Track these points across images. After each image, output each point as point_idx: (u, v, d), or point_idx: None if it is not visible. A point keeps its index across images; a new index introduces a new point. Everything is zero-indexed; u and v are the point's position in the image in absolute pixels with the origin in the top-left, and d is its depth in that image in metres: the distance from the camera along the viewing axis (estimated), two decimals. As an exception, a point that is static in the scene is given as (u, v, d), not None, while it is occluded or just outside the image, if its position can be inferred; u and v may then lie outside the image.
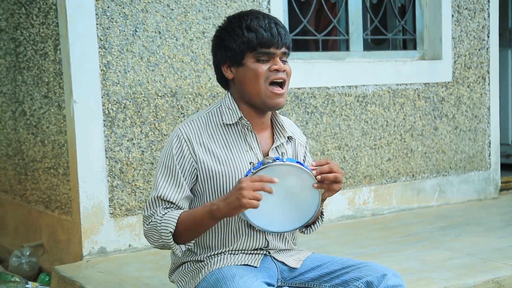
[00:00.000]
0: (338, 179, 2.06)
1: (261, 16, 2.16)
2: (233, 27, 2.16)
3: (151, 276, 3.16)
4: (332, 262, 2.23)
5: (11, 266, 3.92)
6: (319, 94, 4.23)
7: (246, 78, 2.15)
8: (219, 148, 2.17)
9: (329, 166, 2.06)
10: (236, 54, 2.15)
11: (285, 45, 2.16)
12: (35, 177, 4.03)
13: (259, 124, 2.23)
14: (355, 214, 4.41)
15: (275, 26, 2.14)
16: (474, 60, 4.92)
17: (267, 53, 2.13)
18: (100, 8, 3.46)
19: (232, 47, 2.15)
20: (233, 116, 2.19)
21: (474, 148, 4.98)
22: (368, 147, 4.46)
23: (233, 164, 2.16)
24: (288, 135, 2.29)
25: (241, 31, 2.13)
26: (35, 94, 3.91)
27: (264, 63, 2.14)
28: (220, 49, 2.19)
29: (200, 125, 2.20)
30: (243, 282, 2.00)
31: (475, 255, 3.42)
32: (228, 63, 2.18)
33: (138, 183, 3.60)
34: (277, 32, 2.13)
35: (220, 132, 2.20)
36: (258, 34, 2.11)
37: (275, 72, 2.14)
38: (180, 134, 2.17)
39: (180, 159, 2.15)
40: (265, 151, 2.23)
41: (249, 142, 2.20)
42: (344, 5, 4.50)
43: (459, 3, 4.77)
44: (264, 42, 2.12)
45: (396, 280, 2.09)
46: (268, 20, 2.15)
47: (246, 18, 2.15)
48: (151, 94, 3.62)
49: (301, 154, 2.35)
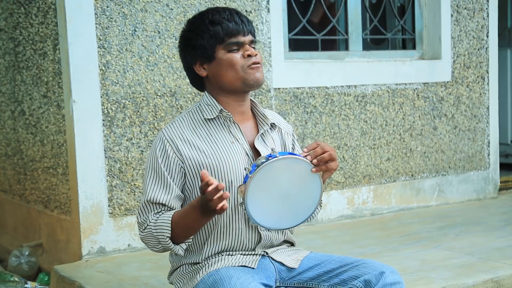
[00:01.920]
0: (332, 157, 2.08)
1: (221, 9, 2.20)
2: (196, 25, 2.19)
3: (150, 276, 3.16)
4: (330, 261, 2.23)
5: (10, 266, 3.92)
6: (318, 94, 4.23)
7: (222, 69, 2.18)
8: (203, 142, 2.18)
9: (321, 147, 2.09)
10: (206, 50, 2.17)
11: (250, 32, 2.20)
12: (34, 176, 4.03)
13: (240, 114, 2.25)
14: (354, 214, 4.41)
15: (237, 15, 2.19)
16: (473, 60, 4.92)
17: (236, 43, 2.16)
18: (99, 8, 3.46)
19: (201, 44, 2.17)
20: (213, 111, 2.21)
21: (473, 147, 4.98)
22: (367, 147, 4.46)
23: (219, 156, 2.17)
24: (271, 122, 2.30)
25: (206, 26, 2.16)
26: (34, 94, 3.91)
27: (235, 52, 2.17)
28: (189, 50, 2.22)
29: (182, 124, 2.21)
30: (240, 283, 2.00)
31: (474, 254, 3.42)
32: (200, 61, 2.21)
33: (137, 183, 3.60)
34: (241, 21, 2.18)
35: (203, 127, 2.21)
36: (223, 25, 2.15)
37: (248, 57, 2.17)
38: (162, 136, 2.19)
39: (165, 160, 2.16)
40: (251, 141, 2.24)
41: (233, 134, 2.21)
42: (343, 5, 4.50)
43: (458, 3, 4.77)
44: (230, 32, 2.15)
45: (394, 278, 2.09)
46: (229, 11, 2.19)
47: (207, 14, 2.19)
48: (150, 94, 3.62)
49: (289, 143, 2.37)
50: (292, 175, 2.07)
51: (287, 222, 2.14)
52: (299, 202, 2.12)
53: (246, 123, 2.27)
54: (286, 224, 2.14)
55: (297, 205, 2.12)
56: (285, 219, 2.12)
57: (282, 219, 2.12)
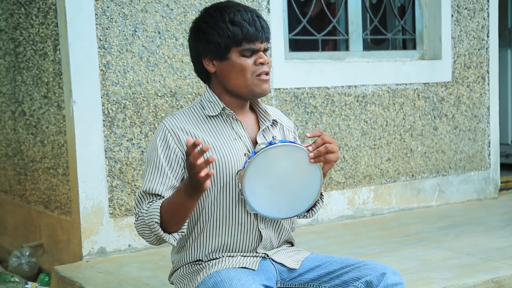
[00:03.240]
0: (329, 149, 2.07)
1: (242, 8, 2.15)
2: (215, 20, 2.13)
3: (150, 276, 3.16)
4: (331, 262, 2.22)
5: (11, 266, 3.92)
6: (319, 94, 4.23)
7: (232, 72, 2.15)
8: (206, 136, 2.16)
9: (321, 138, 2.08)
10: (221, 48, 2.13)
11: (267, 39, 2.17)
12: (35, 177, 4.03)
13: (241, 112, 2.24)
14: (354, 214, 4.41)
15: (258, 19, 2.14)
16: (473, 60, 4.92)
17: (252, 49, 2.13)
18: (100, 8, 3.46)
19: (216, 41, 2.12)
20: (215, 108, 2.19)
21: (474, 148, 4.98)
22: (368, 147, 4.46)
23: (222, 152, 2.14)
24: (273, 119, 2.29)
25: (225, 24, 2.11)
26: (34, 94, 3.91)
27: (248, 57, 2.14)
28: (202, 42, 2.16)
29: (184, 118, 2.19)
30: (241, 285, 1.99)
31: (474, 255, 3.42)
32: (210, 56, 2.17)
33: (137, 183, 3.60)
34: (261, 26, 2.14)
35: (205, 123, 2.19)
36: (243, 28, 2.10)
37: (260, 65, 2.15)
38: (163, 126, 2.16)
39: (165, 150, 2.12)
40: (253, 137, 2.23)
41: (236, 131, 2.20)
42: (343, 5, 4.50)
43: (458, 3, 4.77)
44: (249, 37, 2.11)
45: (395, 278, 2.09)
46: (251, 13, 2.14)
47: (228, 11, 2.13)
48: (151, 94, 3.62)
49: (290, 139, 2.35)
50: (291, 163, 2.06)
51: (285, 212, 2.12)
52: (298, 191, 2.10)
53: (247, 119, 2.25)
54: (285, 214, 2.12)
55: (296, 194, 2.10)
56: (283, 208, 2.11)
57: (280, 208, 2.10)
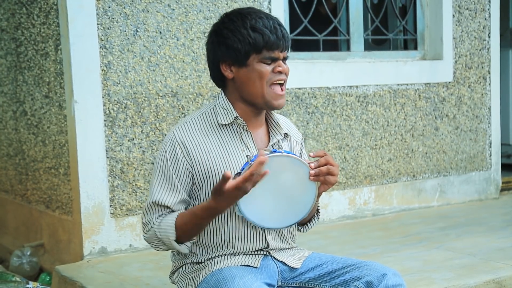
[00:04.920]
0: (330, 171, 2.07)
1: (263, 16, 2.14)
2: (236, 26, 2.12)
3: (151, 276, 3.17)
4: (332, 262, 2.23)
5: (12, 266, 3.92)
6: (320, 94, 4.23)
7: (250, 79, 2.13)
8: (215, 148, 2.16)
9: (325, 158, 2.08)
10: (240, 55, 2.11)
11: (287, 48, 2.16)
12: (36, 177, 4.03)
13: (254, 122, 2.22)
14: (355, 214, 4.41)
15: (279, 27, 2.13)
16: (475, 60, 4.92)
17: (272, 58, 2.12)
18: (101, 8, 3.46)
19: (237, 47, 2.11)
20: (228, 116, 2.18)
21: (475, 148, 4.98)
22: (369, 147, 4.46)
23: (229, 164, 2.15)
24: (284, 132, 2.28)
25: (246, 31, 2.10)
26: (36, 94, 3.92)
27: (268, 65, 2.13)
28: (221, 48, 2.15)
29: (194, 127, 2.18)
30: (243, 283, 2.00)
31: (476, 255, 3.42)
32: (229, 62, 2.15)
33: (139, 183, 3.60)
34: (282, 35, 2.12)
35: (215, 133, 2.18)
36: (264, 36, 2.09)
37: (278, 73, 2.14)
38: (173, 137, 2.15)
39: (174, 163, 2.14)
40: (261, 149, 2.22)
41: (245, 142, 2.19)
42: (345, 5, 4.50)
43: (460, 3, 4.77)
44: (270, 45, 2.10)
45: (396, 280, 2.09)
46: (272, 21, 2.13)
47: (250, 18, 2.12)
48: (152, 94, 3.62)
49: (296, 151, 2.34)
50: (290, 175, 2.06)
51: (270, 222, 2.12)
52: (289, 205, 2.10)
53: (258, 130, 2.24)
54: (269, 224, 2.12)
55: (286, 207, 2.11)
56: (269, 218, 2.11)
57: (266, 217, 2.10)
